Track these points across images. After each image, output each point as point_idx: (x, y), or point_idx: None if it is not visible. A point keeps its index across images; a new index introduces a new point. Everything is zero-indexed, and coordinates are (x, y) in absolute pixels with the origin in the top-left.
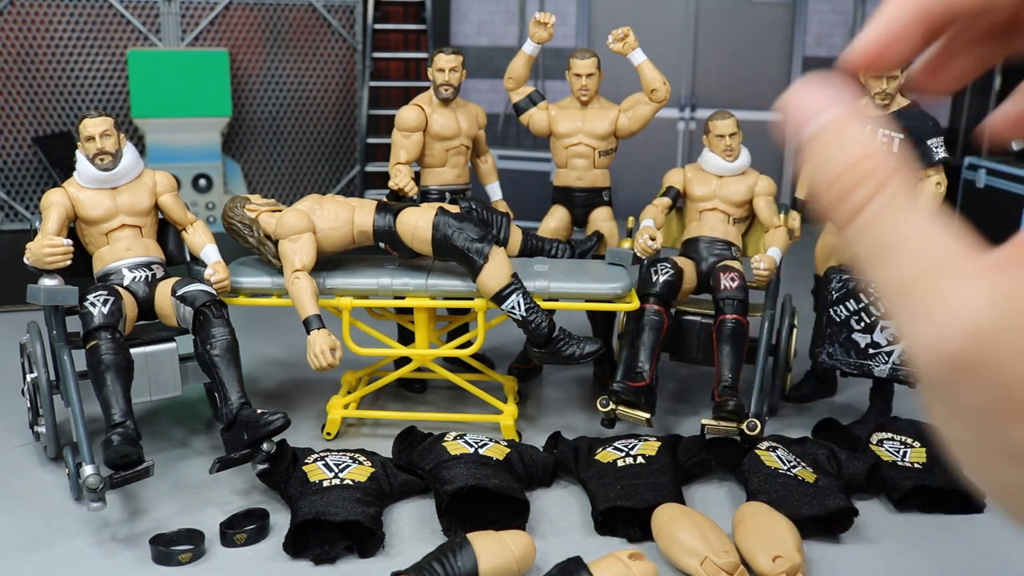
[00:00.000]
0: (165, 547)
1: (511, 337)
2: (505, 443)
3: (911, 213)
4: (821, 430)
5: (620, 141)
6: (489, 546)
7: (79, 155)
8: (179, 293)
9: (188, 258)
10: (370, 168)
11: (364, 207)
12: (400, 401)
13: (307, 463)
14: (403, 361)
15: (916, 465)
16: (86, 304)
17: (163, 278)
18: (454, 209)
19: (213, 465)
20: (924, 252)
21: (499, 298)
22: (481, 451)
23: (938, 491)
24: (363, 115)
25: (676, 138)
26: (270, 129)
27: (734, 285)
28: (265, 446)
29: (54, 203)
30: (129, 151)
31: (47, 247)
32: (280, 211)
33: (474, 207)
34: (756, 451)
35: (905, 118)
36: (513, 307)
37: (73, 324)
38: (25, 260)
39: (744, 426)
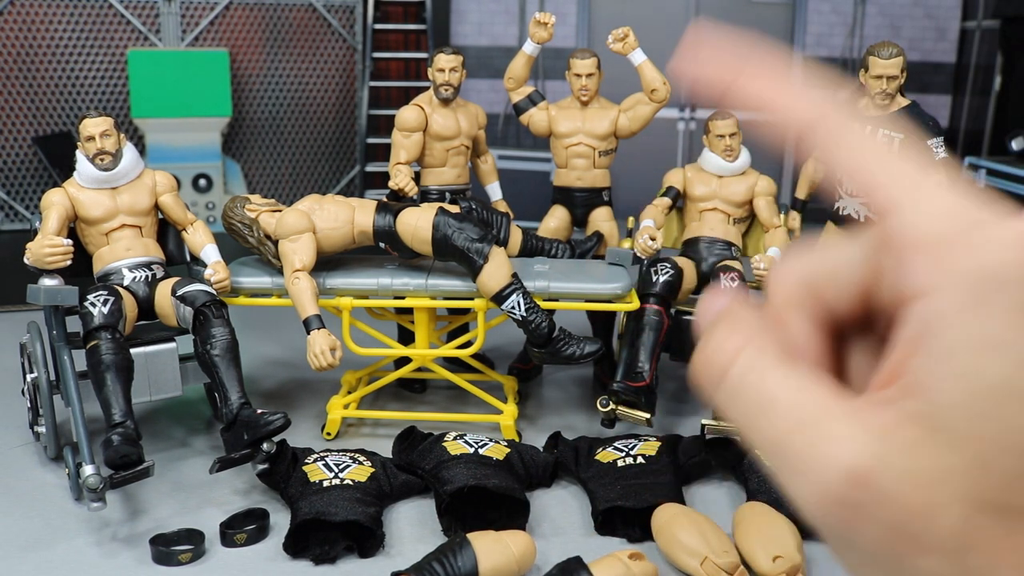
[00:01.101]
0: (165, 547)
1: (511, 337)
2: (505, 443)
3: (773, 371)
4: None
5: (620, 141)
6: (489, 546)
7: (79, 155)
8: (179, 293)
9: (188, 258)
10: (370, 168)
11: (364, 207)
12: (400, 401)
13: (307, 463)
14: (403, 361)
15: None
16: (86, 304)
17: (163, 278)
18: (454, 209)
19: (213, 465)
20: (791, 408)
21: (499, 298)
22: (481, 451)
23: None
24: (363, 115)
25: (676, 138)
26: (270, 129)
27: (734, 285)
28: (265, 446)
29: (54, 203)
30: (129, 151)
31: (47, 247)
32: (280, 211)
33: (474, 207)
34: (756, 451)
35: (905, 118)
36: (513, 307)
37: (73, 324)
38: (25, 260)
39: None
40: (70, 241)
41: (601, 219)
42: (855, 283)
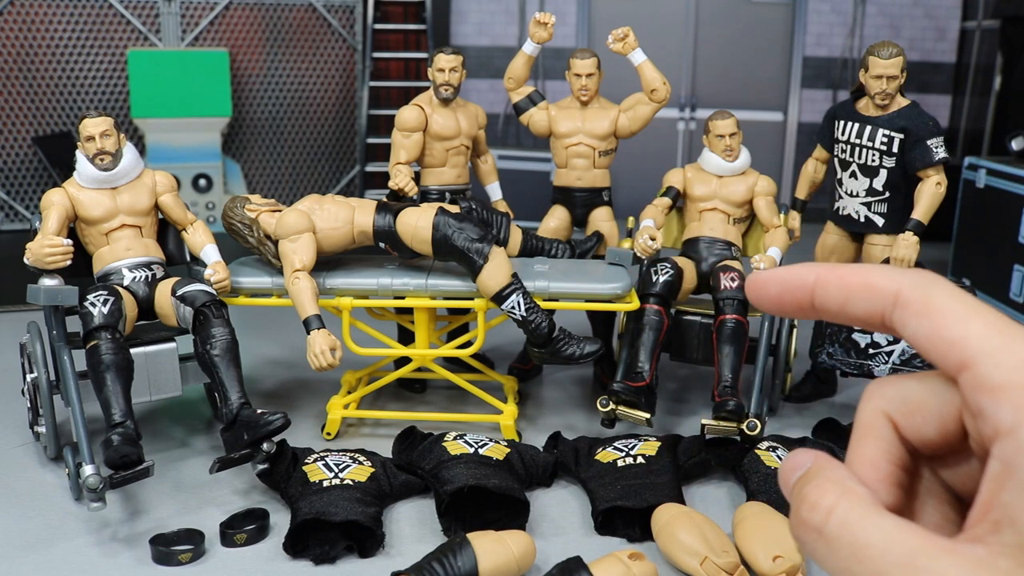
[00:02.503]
0: (165, 547)
1: (511, 337)
2: (505, 443)
3: (867, 519)
4: (821, 430)
5: (620, 141)
6: (489, 546)
7: (79, 155)
8: (179, 293)
9: (188, 258)
10: (370, 168)
11: (364, 207)
12: (400, 401)
13: (307, 463)
14: (403, 361)
15: None
16: (86, 304)
17: (163, 278)
18: (454, 209)
19: (213, 465)
20: (888, 549)
21: (499, 298)
22: (481, 451)
23: None
24: (363, 115)
25: (676, 138)
26: (270, 129)
27: (734, 285)
28: (265, 446)
29: (54, 203)
30: (129, 151)
31: (47, 247)
32: (280, 211)
33: (474, 207)
34: (756, 451)
35: (905, 118)
36: (513, 307)
37: (73, 324)
38: (25, 260)
39: (744, 426)
40: (70, 241)
41: (601, 219)
42: (939, 416)
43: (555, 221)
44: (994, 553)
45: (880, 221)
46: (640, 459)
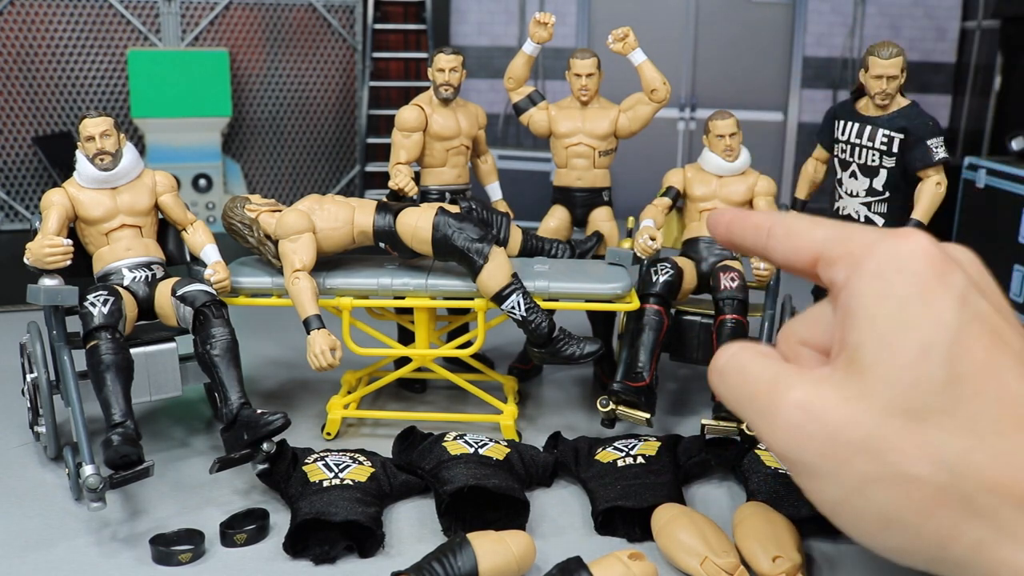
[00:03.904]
0: (165, 547)
1: (511, 337)
2: (505, 443)
3: (750, 358)
4: None
5: (620, 141)
6: (489, 546)
7: (79, 155)
8: (179, 293)
9: (188, 258)
10: (370, 168)
11: (364, 207)
12: (400, 401)
13: (307, 463)
14: (403, 361)
15: None
16: (86, 304)
17: (163, 278)
18: (454, 209)
19: (213, 465)
20: (760, 375)
21: (499, 298)
22: (481, 451)
23: None
24: (363, 115)
25: (676, 138)
26: (270, 129)
27: (734, 285)
28: (265, 446)
29: (54, 203)
30: (129, 151)
31: (47, 247)
32: (280, 211)
33: (474, 207)
34: (756, 451)
35: (905, 118)
36: (513, 307)
37: (73, 324)
38: (25, 260)
39: (744, 426)
40: (70, 241)
41: (601, 219)
42: (829, 326)
43: (555, 221)
44: (833, 369)
45: (880, 221)
46: (640, 459)
